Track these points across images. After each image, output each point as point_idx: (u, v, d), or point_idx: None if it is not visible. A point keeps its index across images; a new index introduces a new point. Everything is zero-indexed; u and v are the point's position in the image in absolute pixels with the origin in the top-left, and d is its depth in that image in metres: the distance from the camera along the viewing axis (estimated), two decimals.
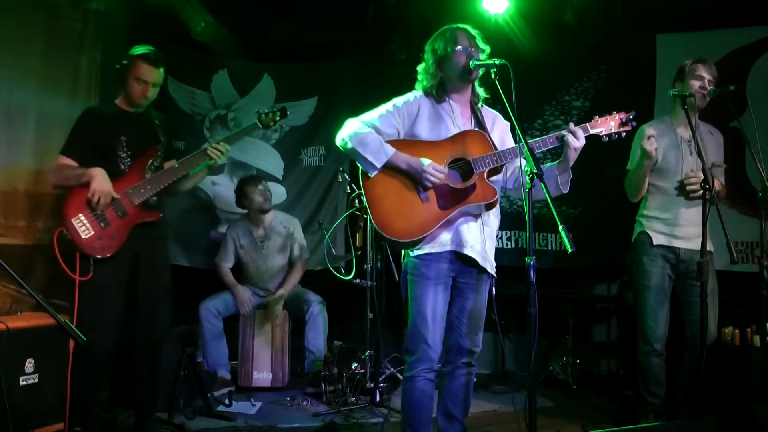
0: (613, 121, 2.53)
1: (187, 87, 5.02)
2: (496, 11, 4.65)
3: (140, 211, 3.09)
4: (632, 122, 2.52)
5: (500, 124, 2.79)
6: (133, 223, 3.08)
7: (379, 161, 2.55)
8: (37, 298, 2.08)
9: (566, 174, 2.59)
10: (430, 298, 2.57)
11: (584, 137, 2.50)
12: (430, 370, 2.61)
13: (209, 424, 3.57)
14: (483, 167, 2.54)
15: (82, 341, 2.11)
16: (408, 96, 2.70)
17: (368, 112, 2.67)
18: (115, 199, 3.03)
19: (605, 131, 2.53)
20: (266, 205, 4.52)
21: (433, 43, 2.64)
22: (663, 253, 3.35)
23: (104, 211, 3.01)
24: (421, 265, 2.58)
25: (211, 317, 4.34)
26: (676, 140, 3.36)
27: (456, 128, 2.63)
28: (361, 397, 3.95)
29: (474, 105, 2.72)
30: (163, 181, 3.12)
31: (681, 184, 3.31)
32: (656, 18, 4.63)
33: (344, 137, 2.60)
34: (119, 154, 3.11)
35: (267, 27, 5.21)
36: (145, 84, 3.12)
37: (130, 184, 3.08)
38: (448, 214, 2.53)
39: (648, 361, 3.32)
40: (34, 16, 3.77)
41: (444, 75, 2.62)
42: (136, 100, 3.15)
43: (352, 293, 4.34)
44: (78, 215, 2.99)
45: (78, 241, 2.96)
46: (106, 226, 3.02)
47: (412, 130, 2.63)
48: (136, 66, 3.10)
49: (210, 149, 3.17)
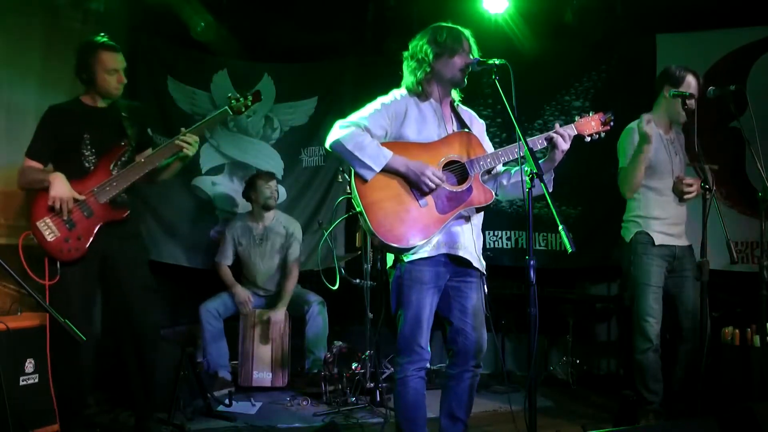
0: (593, 121, 2.58)
1: (187, 87, 5.01)
2: (496, 11, 4.65)
3: (107, 210, 3.00)
4: (611, 122, 2.58)
5: (477, 123, 2.76)
6: (101, 222, 2.98)
7: (378, 165, 2.47)
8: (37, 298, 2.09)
9: (549, 174, 2.59)
10: (425, 302, 2.54)
11: (571, 139, 2.52)
12: (422, 368, 2.60)
13: (209, 424, 3.57)
14: (478, 169, 2.54)
15: (82, 341, 2.11)
16: (394, 94, 2.63)
17: (355, 112, 2.59)
18: (80, 200, 2.95)
19: (587, 131, 2.57)
20: (271, 202, 4.53)
21: (436, 35, 2.56)
22: (663, 253, 3.39)
23: (69, 214, 2.93)
24: (416, 270, 2.53)
25: (212, 318, 4.34)
26: (662, 141, 3.43)
27: (442, 128, 2.60)
28: (361, 397, 3.95)
29: (452, 105, 2.70)
30: (130, 178, 3.02)
31: (673, 184, 3.39)
32: (656, 18, 4.63)
33: (338, 139, 2.50)
34: (83, 152, 3.03)
35: (267, 27, 5.21)
36: (116, 72, 3.04)
37: (95, 182, 2.99)
38: (448, 218, 2.51)
39: (646, 358, 3.34)
40: (34, 16, 3.78)
41: (438, 73, 2.57)
42: (114, 91, 3.07)
43: (352, 293, 4.34)
44: (44, 218, 2.91)
45: (44, 244, 2.89)
46: (72, 227, 2.93)
47: (400, 131, 2.57)
48: (101, 59, 3.00)
49: (178, 140, 3.05)
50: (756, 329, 3.44)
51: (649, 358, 3.34)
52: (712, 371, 3.27)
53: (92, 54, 3.02)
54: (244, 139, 5.15)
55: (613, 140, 2.64)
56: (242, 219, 4.67)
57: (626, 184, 3.42)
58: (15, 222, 3.64)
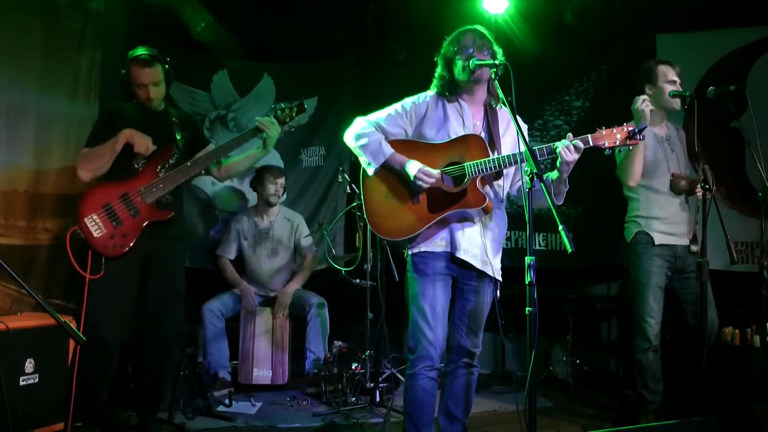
0: (620, 133, 2.40)
1: (187, 87, 5.01)
2: (496, 11, 4.64)
3: (153, 210, 3.09)
4: (639, 135, 2.40)
5: (513, 127, 2.68)
6: (145, 222, 3.07)
7: (377, 161, 2.60)
8: (37, 298, 2.09)
9: (562, 186, 2.55)
10: (428, 294, 2.59)
11: (582, 151, 2.42)
12: (431, 368, 2.61)
13: (209, 424, 3.57)
14: (477, 173, 2.54)
15: (81, 341, 2.11)
16: (418, 96, 2.72)
17: (378, 111, 2.71)
18: (129, 198, 3.05)
19: (609, 143, 2.40)
20: (274, 200, 4.53)
21: (459, 38, 2.61)
22: (663, 252, 3.37)
23: (117, 211, 3.03)
24: (419, 262, 2.62)
25: (214, 318, 4.34)
26: (656, 140, 3.42)
27: (465, 129, 2.63)
28: (361, 397, 3.95)
29: (488, 106, 2.69)
30: (176, 180, 3.12)
31: (671, 183, 3.37)
32: (656, 18, 4.63)
33: (350, 135, 2.68)
34: (134, 153, 3.11)
35: (267, 27, 5.20)
36: (145, 87, 3.13)
37: (143, 183, 3.09)
38: (436, 217, 2.57)
39: (646, 358, 3.34)
40: (34, 16, 3.77)
41: (452, 76, 2.63)
42: (145, 104, 3.18)
43: (352, 293, 4.34)
44: (91, 215, 3.01)
45: (90, 239, 2.99)
46: (118, 225, 3.03)
47: (419, 131, 2.67)
48: (131, 72, 3.12)
49: (258, 122, 3.18)
50: (756, 329, 3.44)
51: (649, 358, 3.34)
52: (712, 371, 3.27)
53: (127, 66, 3.13)
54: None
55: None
56: (248, 213, 4.67)
57: (625, 173, 3.36)
58: (15, 222, 3.64)
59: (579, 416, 3.82)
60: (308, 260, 4.62)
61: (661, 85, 3.37)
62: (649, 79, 3.42)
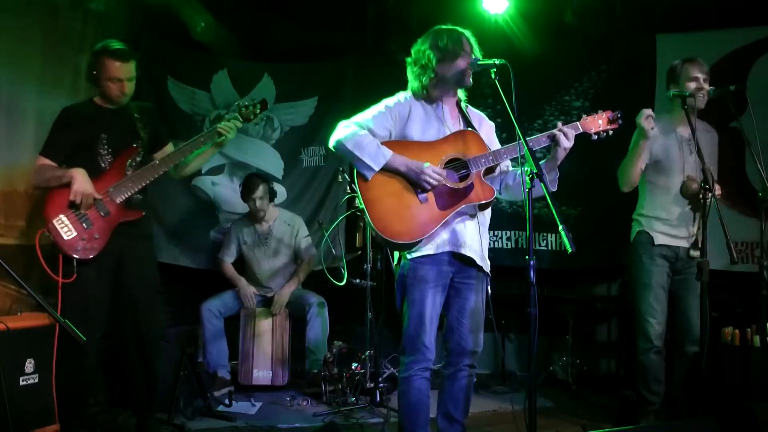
0: (600, 119, 2.59)
1: (187, 87, 5.02)
2: (496, 11, 4.65)
3: (123, 210, 3.03)
4: (619, 120, 2.60)
5: (486, 124, 2.80)
6: (116, 223, 3.01)
7: (378, 164, 2.54)
8: (37, 298, 2.09)
9: (553, 173, 2.60)
10: (428, 301, 2.57)
11: (574, 136, 2.53)
12: (426, 369, 2.61)
13: (209, 424, 3.57)
14: (479, 167, 2.55)
15: (82, 341, 2.12)
16: (398, 97, 2.69)
17: (359, 113, 2.66)
18: (98, 199, 2.97)
19: (594, 129, 2.58)
20: (261, 214, 4.49)
21: (437, 40, 2.59)
22: (664, 253, 3.37)
23: (87, 212, 2.95)
24: (419, 268, 2.57)
25: (213, 318, 4.34)
26: (677, 139, 3.37)
27: (447, 129, 2.63)
28: (361, 397, 3.95)
29: (460, 105, 2.73)
30: (145, 178, 3.06)
31: (682, 185, 3.31)
32: (656, 18, 4.63)
33: (339, 140, 2.58)
34: (99, 152, 3.05)
35: (267, 27, 5.21)
36: (120, 81, 3.04)
37: (111, 182, 3.01)
38: (448, 214, 2.54)
39: (648, 358, 3.33)
40: (34, 16, 3.77)
41: (442, 77, 2.61)
42: (115, 99, 3.09)
43: (352, 293, 4.34)
44: (59, 216, 2.92)
45: (60, 242, 2.89)
46: (88, 226, 2.94)
47: (404, 132, 2.63)
48: (105, 66, 3.01)
49: (220, 127, 3.14)
50: (756, 329, 3.43)
51: (651, 359, 3.32)
52: (712, 371, 3.26)
53: (98, 59, 3.03)
54: (244, 139, 5.15)
55: (613, 140, 2.63)
56: (248, 218, 4.67)
57: (622, 177, 3.40)
58: (15, 222, 3.64)
59: (579, 416, 3.81)
60: (306, 262, 4.61)
61: (683, 83, 3.28)
62: (673, 77, 3.35)
